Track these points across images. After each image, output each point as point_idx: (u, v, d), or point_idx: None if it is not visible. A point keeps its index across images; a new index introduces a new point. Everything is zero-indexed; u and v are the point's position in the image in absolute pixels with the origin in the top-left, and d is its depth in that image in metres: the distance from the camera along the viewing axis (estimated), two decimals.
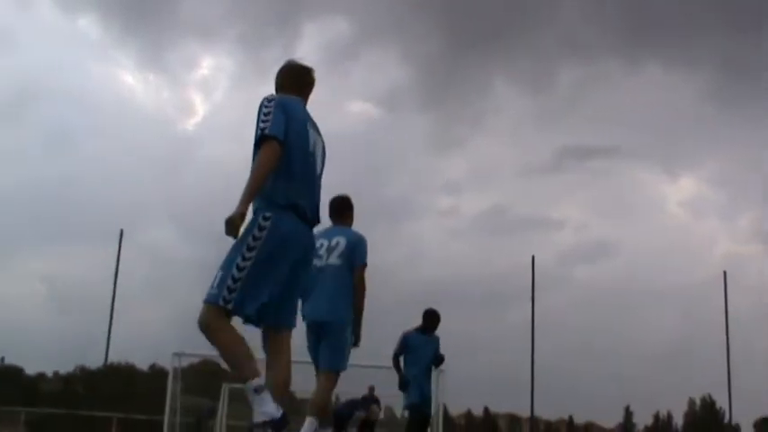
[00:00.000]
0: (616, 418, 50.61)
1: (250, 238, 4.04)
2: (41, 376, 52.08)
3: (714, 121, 61.36)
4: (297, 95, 4.50)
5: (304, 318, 6.14)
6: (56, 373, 53.93)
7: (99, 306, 30.73)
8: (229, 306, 3.96)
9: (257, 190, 3.99)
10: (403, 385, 9.12)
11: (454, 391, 22.78)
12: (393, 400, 21.91)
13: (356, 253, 6.34)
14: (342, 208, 6.64)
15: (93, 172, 75.95)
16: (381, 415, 21.71)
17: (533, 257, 29.27)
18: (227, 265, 4.01)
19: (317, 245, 6.00)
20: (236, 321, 4.11)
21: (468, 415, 50.22)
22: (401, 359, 9.18)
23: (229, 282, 3.97)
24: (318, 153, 4.41)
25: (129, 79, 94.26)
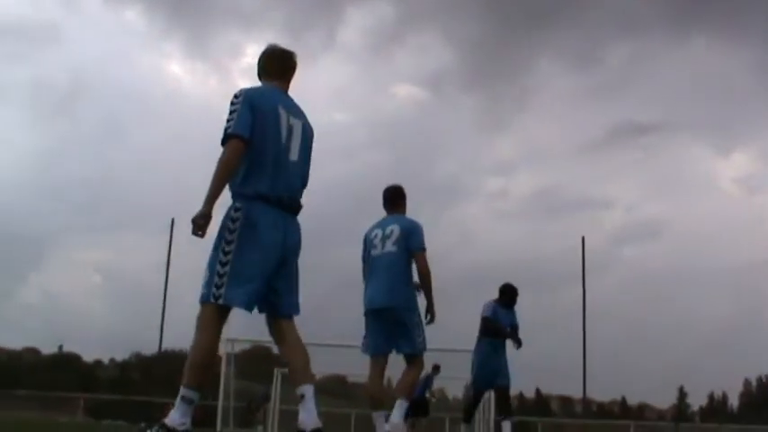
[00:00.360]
0: (670, 399, 49.97)
1: (226, 233, 4.17)
2: (98, 363, 53.23)
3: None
4: (278, 80, 4.58)
5: (364, 305, 6.49)
6: (112, 360, 55.13)
7: (152, 294, 31.25)
8: (220, 301, 4.09)
9: (220, 189, 4.12)
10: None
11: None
12: (445, 381, 21.91)
13: (411, 239, 6.46)
14: (394, 197, 6.79)
15: (144, 162, 77.05)
16: (433, 398, 21.73)
17: (583, 239, 28.85)
18: (211, 262, 4.15)
19: (372, 235, 6.55)
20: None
21: (521, 397, 50.06)
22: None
23: (216, 278, 4.10)
24: (296, 137, 4.43)
25: (176, 69, 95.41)
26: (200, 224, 4.03)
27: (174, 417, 4.01)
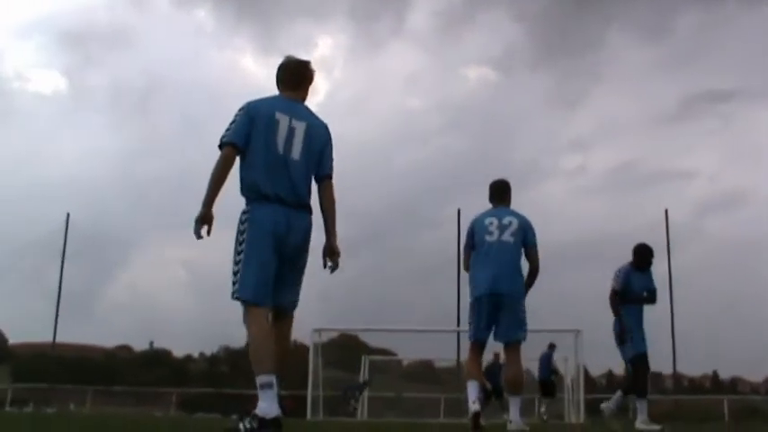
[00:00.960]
0: (764, 372, 48.32)
1: (238, 235, 4.62)
2: (188, 358, 54.42)
3: None
4: (292, 90, 4.94)
5: (478, 290, 6.74)
6: (201, 354, 56.29)
7: None
8: (236, 296, 4.54)
9: (214, 192, 4.61)
10: (624, 334, 8.76)
11: (593, 351, 22.17)
12: (530, 363, 21.56)
13: (528, 234, 6.89)
14: (503, 191, 7.17)
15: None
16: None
17: (666, 211, 28.05)
18: (233, 265, 4.61)
19: (486, 222, 6.88)
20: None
21: (609, 375, 49.32)
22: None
23: (234, 278, 4.57)
24: (297, 140, 4.73)
25: (249, 63, 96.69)
26: (198, 226, 4.53)
27: (262, 406, 4.26)
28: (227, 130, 4.65)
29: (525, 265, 6.83)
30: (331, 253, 4.88)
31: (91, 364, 44.66)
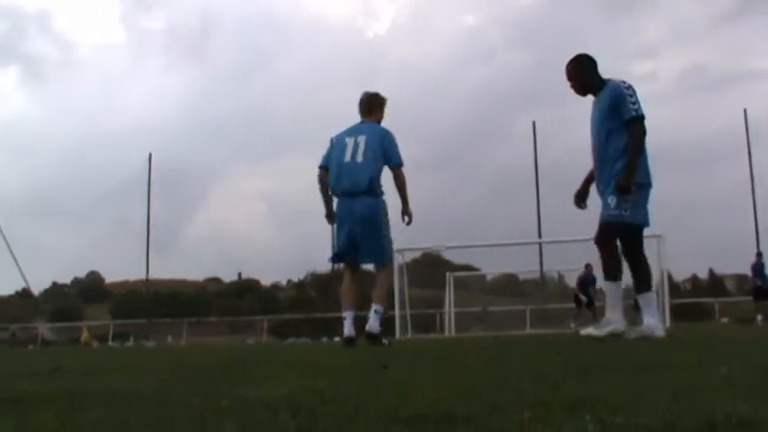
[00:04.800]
0: None
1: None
2: (276, 286, 55.99)
3: None
4: (365, 116, 7.32)
5: None
6: (289, 281, 57.86)
7: (318, 214, 32.37)
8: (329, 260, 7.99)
9: (324, 198, 7.35)
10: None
11: (677, 256, 22.11)
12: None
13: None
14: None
15: (290, 88, 78.86)
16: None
17: (745, 111, 27.34)
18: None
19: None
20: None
21: (694, 279, 48.86)
22: None
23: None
24: (359, 145, 7.00)
25: None
26: (329, 221, 7.40)
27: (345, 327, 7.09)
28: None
29: None
30: (403, 214, 7.23)
31: (183, 297, 46.33)
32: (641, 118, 6.05)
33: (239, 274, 56.55)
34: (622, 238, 6.09)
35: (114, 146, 66.06)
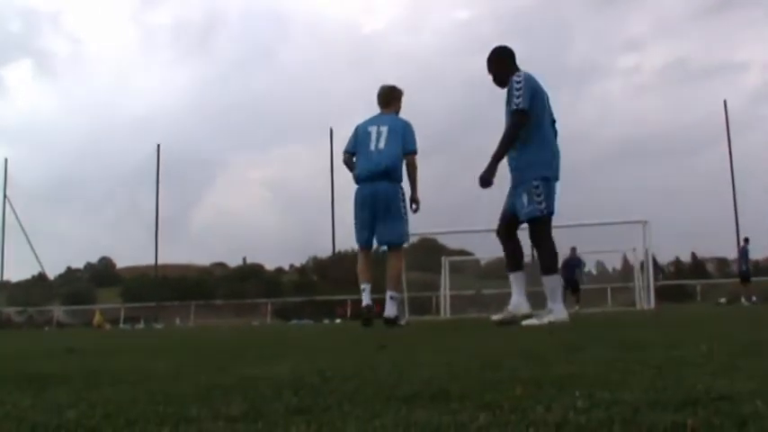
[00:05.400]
0: None
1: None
2: (280, 270, 56.20)
3: None
4: (383, 108, 7.85)
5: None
6: (292, 266, 58.01)
7: (320, 200, 32.60)
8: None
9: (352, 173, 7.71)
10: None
11: (661, 240, 22.51)
12: (603, 255, 22.05)
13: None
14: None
15: (292, 79, 78.92)
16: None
17: (725, 102, 27.80)
18: None
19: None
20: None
21: (677, 262, 49.21)
22: None
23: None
24: (383, 135, 7.49)
25: None
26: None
27: (390, 310, 7.44)
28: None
29: None
30: (412, 201, 7.64)
31: (191, 281, 46.64)
32: (519, 112, 6.00)
33: (244, 259, 56.81)
34: (535, 227, 6.25)
35: (124, 137, 66.65)
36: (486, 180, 6.08)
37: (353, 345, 4.12)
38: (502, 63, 6.39)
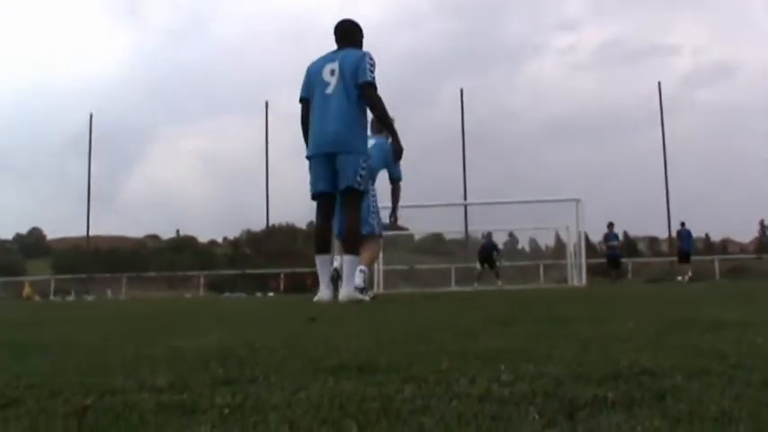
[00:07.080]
0: (752, 233, 49.25)
1: None
2: (213, 243, 55.66)
3: None
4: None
5: None
6: (225, 239, 57.48)
7: (255, 173, 32.35)
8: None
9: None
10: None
11: (594, 219, 23.19)
12: (536, 233, 22.64)
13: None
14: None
15: (226, 52, 78.06)
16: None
17: (659, 83, 28.61)
18: None
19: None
20: None
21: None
22: None
23: None
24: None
25: None
26: None
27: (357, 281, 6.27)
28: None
29: None
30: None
31: (123, 253, 45.88)
32: (376, 86, 6.44)
33: (177, 231, 56.12)
34: None
35: (56, 106, 64.56)
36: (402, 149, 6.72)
37: (283, 317, 4.12)
38: (360, 35, 6.79)
